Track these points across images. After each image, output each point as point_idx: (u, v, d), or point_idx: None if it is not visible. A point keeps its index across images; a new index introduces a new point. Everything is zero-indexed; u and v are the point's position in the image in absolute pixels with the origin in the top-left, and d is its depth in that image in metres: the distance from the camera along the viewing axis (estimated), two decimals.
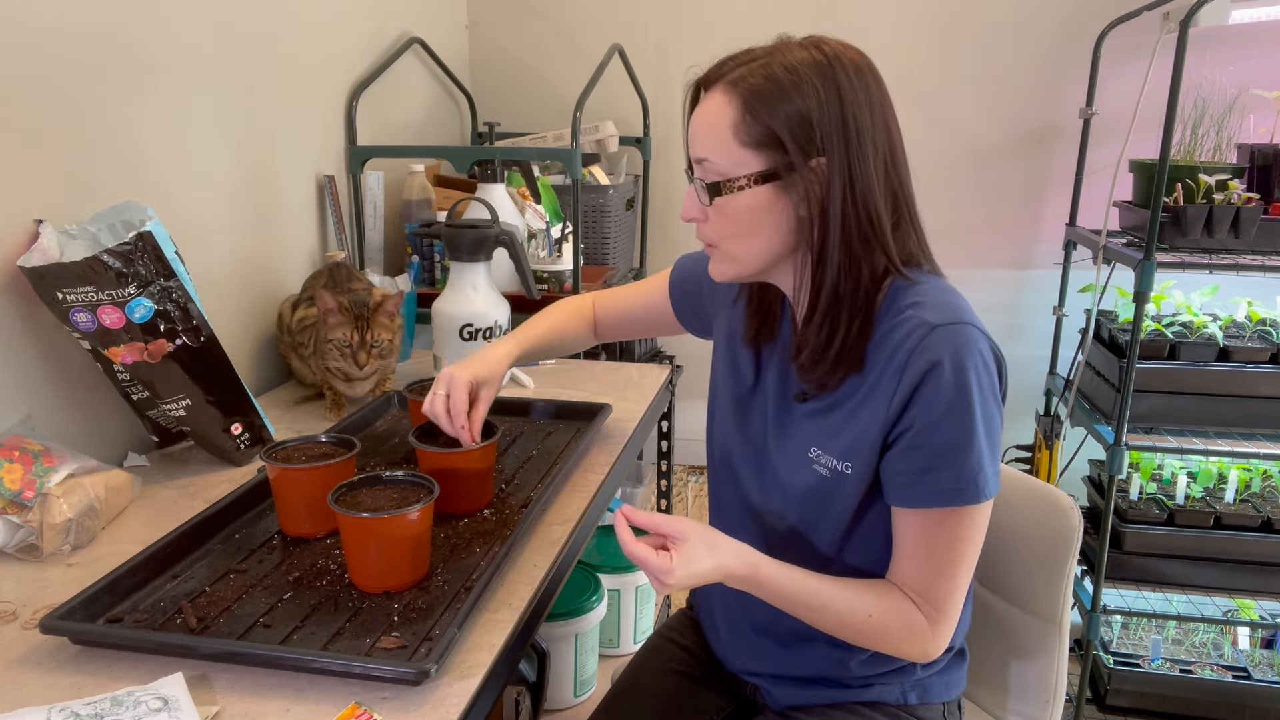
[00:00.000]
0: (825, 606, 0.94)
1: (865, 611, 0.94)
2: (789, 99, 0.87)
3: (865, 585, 0.96)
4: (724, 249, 0.96)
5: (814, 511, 0.99)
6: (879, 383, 0.91)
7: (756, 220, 0.92)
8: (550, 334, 1.29)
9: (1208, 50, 2.10)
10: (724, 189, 0.91)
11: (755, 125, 0.88)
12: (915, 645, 0.95)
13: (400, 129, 2.21)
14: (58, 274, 1.12)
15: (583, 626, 1.62)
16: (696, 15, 2.46)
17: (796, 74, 0.87)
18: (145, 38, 1.36)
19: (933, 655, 0.96)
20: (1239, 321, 2.07)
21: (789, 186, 0.90)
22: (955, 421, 0.88)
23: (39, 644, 0.89)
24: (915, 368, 0.88)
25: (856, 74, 0.89)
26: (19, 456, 1.09)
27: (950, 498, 0.90)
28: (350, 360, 1.46)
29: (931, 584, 0.93)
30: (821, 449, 0.97)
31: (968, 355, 0.88)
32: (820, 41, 0.91)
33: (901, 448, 0.91)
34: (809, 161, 0.88)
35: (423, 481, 1.03)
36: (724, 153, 0.90)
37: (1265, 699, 2.09)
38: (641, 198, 2.53)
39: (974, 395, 0.88)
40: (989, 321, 0.96)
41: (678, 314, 1.25)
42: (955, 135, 2.39)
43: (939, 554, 0.93)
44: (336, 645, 0.88)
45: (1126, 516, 2.02)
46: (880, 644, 0.96)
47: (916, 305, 0.91)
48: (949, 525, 0.91)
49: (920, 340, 0.88)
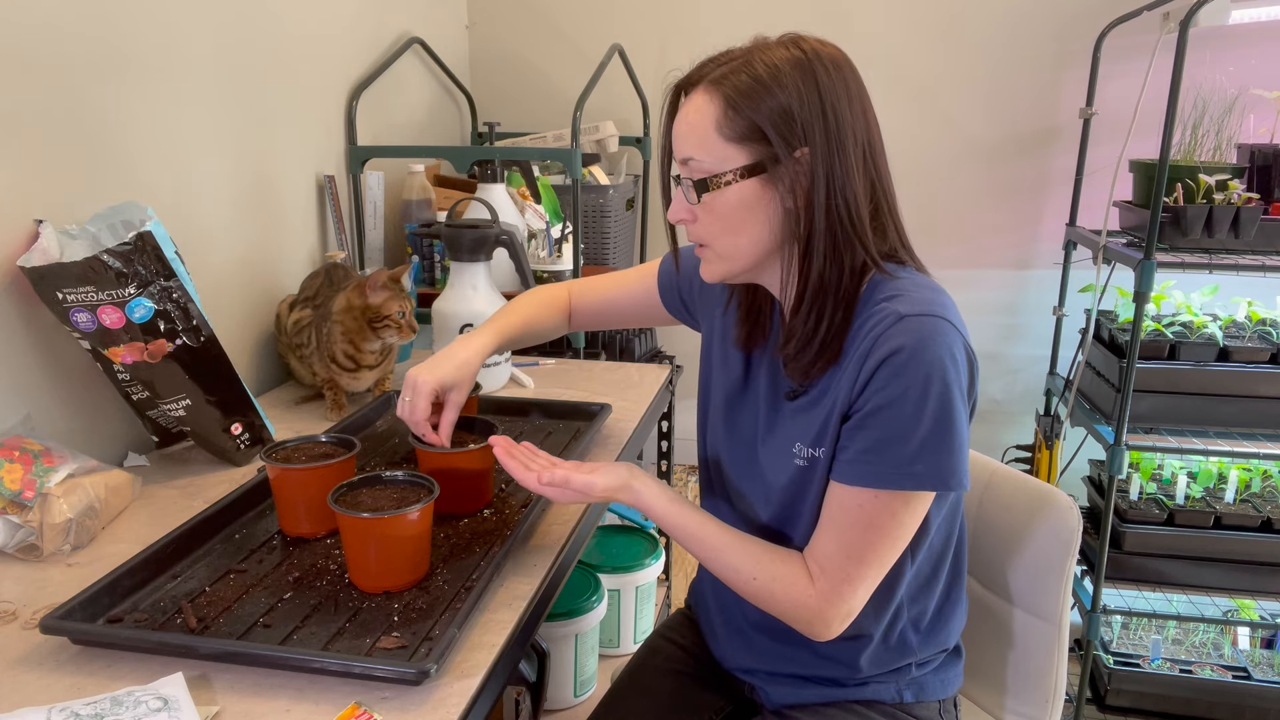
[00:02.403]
0: (715, 549, 0.97)
1: (750, 573, 0.95)
2: (770, 93, 0.89)
3: (767, 549, 0.97)
4: (715, 247, 0.97)
5: (791, 506, 1.00)
6: (847, 369, 0.92)
7: (744, 215, 0.93)
8: (524, 325, 1.26)
9: (1208, 50, 2.10)
10: (711, 185, 0.92)
11: (738, 120, 0.90)
12: (800, 621, 0.95)
13: (400, 129, 2.21)
14: (58, 274, 1.12)
15: (583, 626, 1.62)
16: (696, 15, 2.46)
17: (776, 69, 0.89)
18: (145, 38, 1.36)
19: (822, 637, 0.95)
20: (1239, 321, 2.07)
21: (775, 179, 0.91)
22: (905, 409, 0.87)
23: (39, 644, 0.89)
24: (877, 353, 0.88)
25: (834, 68, 0.91)
26: (19, 456, 1.09)
27: (879, 480, 0.89)
28: (408, 330, 1.48)
29: (836, 562, 0.93)
30: (802, 442, 0.98)
31: (932, 347, 0.87)
32: (798, 39, 0.93)
33: (850, 426, 0.92)
34: (793, 153, 0.90)
35: (423, 481, 1.03)
36: (709, 150, 0.91)
37: (1265, 699, 2.09)
38: (641, 198, 2.53)
39: (930, 387, 0.87)
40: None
41: (668, 306, 1.25)
42: (956, 135, 2.39)
43: (852, 534, 0.92)
44: (336, 645, 0.88)
45: (1126, 516, 2.02)
46: (767, 608, 0.97)
47: (892, 298, 0.91)
48: (870, 508, 0.91)
49: (887, 328, 0.89)
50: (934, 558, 1.03)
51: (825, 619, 0.94)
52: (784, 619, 0.96)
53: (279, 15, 1.68)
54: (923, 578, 1.03)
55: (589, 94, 1.90)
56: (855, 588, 0.93)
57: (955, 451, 0.89)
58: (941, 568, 1.05)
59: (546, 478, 0.99)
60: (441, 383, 1.12)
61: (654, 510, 1.00)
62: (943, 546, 1.04)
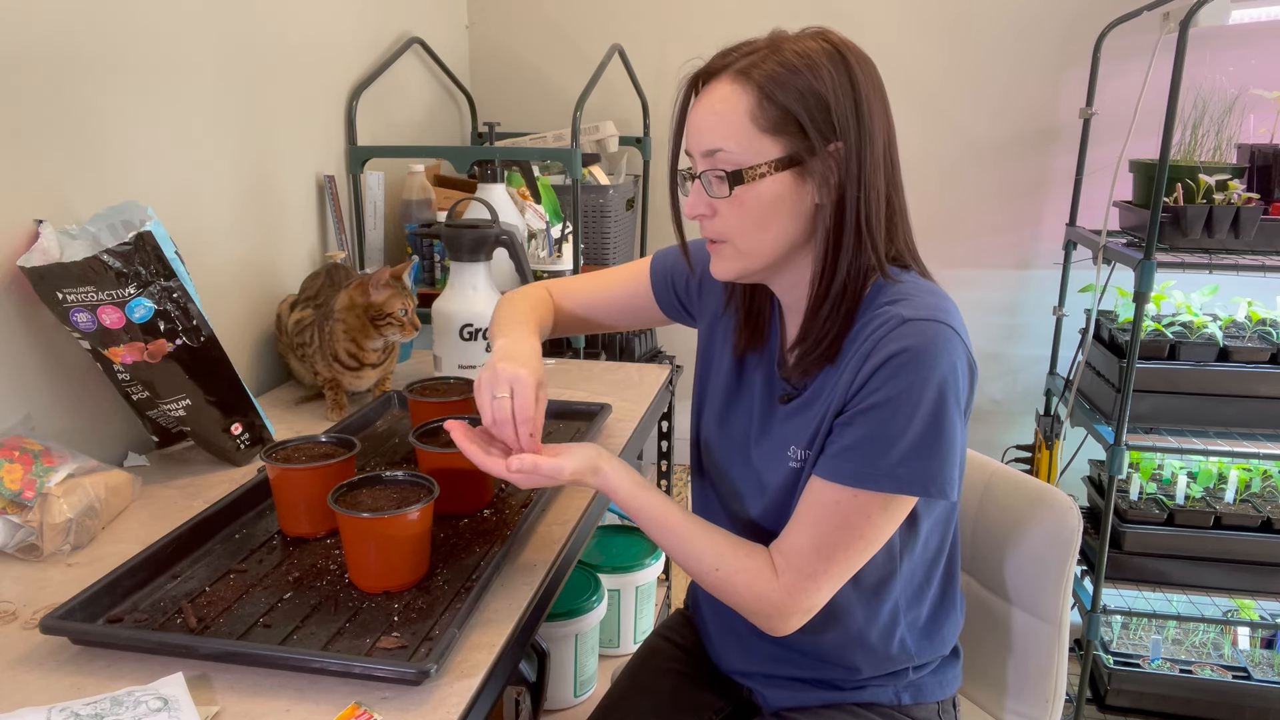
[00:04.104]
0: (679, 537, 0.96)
1: (713, 564, 0.94)
2: (805, 82, 0.86)
3: (731, 541, 0.96)
4: (735, 244, 0.94)
5: (784, 507, 0.99)
6: (845, 371, 0.91)
7: (775, 209, 0.90)
8: (541, 324, 1.18)
9: (1208, 50, 2.10)
10: (746, 177, 0.89)
11: (773, 110, 0.87)
12: (759, 615, 0.94)
13: (400, 129, 2.21)
14: (58, 274, 1.12)
15: (583, 626, 1.62)
16: (697, 15, 2.46)
17: (811, 59, 0.87)
18: (145, 38, 1.36)
19: (779, 632, 0.94)
20: (1239, 321, 2.07)
21: (809, 172, 0.89)
22: (897, 410, 0.86)
23: (39, 644, 0.89)
24: (878, 355, 0.87)
25: (863, 63, 0.90)
26: (19, 456, 1.09)
27: (859, 479, 0.88)
28: (410, 328, 1.48)
29: (804, 557, 0.91)
30: (797, 445, 0.97)
31: (933, 352, 0.85)
32: (825, 32, 0.91)
33: (840, 422, 0.90)
34: (828, 145, 0.88)
35: (423, 481, 1.03)
36: (741, 140, 0.88)
37: (1265, 699, 2.09)
38: (641, 198, 2.53)
39: (927, 391, 0.85)
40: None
41: (663, 306, 1.21)
42: (956, 135, 2.39)
43: (824, 531, 0.90)
44: (336, 645, 0.88)
45: (1126, 516, 2.02)
46: (728, 600, 0.96)
47: (896, 301, 0.90)
48: (846, 506, 0.89)
49: (889, 331, 0.87)
50: (927, 562, 1.03)
51: (785, 613, 0.92)
52: (743, 612, 0.95)
53: (279, 16, 1.68)
54: (916, 582, 1.03)
55: (589, 94, 1.90)
56: (819, 585, 0.91)
57: (943, 459, 0.87)
58: (935, 572, 1.04)
59: (515, 465, 0.93)
60: (538, 376, 1.00)
61: (618, 493, 0.97)
62: (936, 551, 1.03)
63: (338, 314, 1.48)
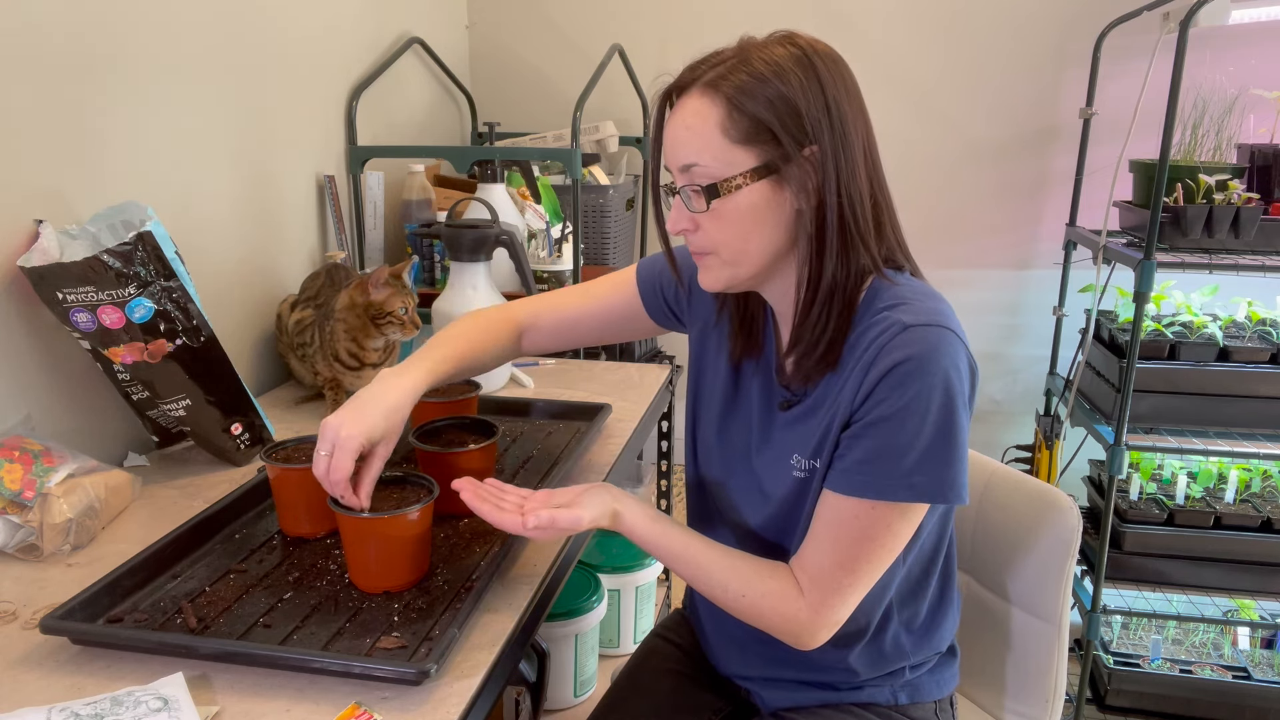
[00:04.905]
0: (702, 569, 0.96)
1: (739, 590, 0.94)
2: (774, 89, 0.86)
3: (754, 564, 0.96)
4: (720, 255, 0.93)
5: (788, 517, 0.99)
6: (848, 379, 0.91)
7: (756, 219, 0.90)
8: (461, 356, 1.12)
9: (1208, 50, 2.10)
10: (721, 190, 0.89)
11: (743, 120, 0.87)
12: (789, 634, 0.94)
13: (400, 129, 2.21)
14: (58, 274, 1.12)
15: (583, 626, 1.62)
16: (697, 15, 2.46)
17: (778, 66, 0.87)
18: (146, 38, 1.36)
19: (808, 647, 0.94)
20: (1239, 321, 2.07)
21: (786, 179, 0.89)
22: (907, 421, 0.86)
23: (39, 644, 0.89)
24: (881, 364, 0.87)
25: (832, 63, 0.89)
26: (19, 456, 1.09)
27: (877, 491, 0.88)
28: (410, 326, 1.48)
29: (827, 573, 0.91)
30: (800, 454, 0.97)
31: (937, 358, 0.85)
32: (791, 36, 0.91)
33: (849, 435, 0.90)
34: (802, 150, 0.87)
35: (423, 481, 1.03)
36: (714, 153, 0.88)
37: (1265, 699, 2.09)
38: (641, 198, 2.53)
39: (935, 398, 0.85)
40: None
41: (653, 314, 1.19)
42: (956, 135, 2.39)
43: (845, 545, 0.91)
44: (336, 645, 0.88)
45: (1126, 516, 2.02)
46: (756, 623, 0.96)
47: (894, 306, 0.90)
48: (865, 519, 0.89)
49: (892, 338, 0.87)
50: (924, 561, 1.03)
51: (813, 630, 0.93)
52: (772, 632, 0.95)
53: (279, 15, 1.68)
54: (913, 581, 1.03)
55: (589, 94, 1.90)
56: (845, 598, 0.92)
57: (955, 464, 0.88)
58: (932, 571, 1.04)
59: (532, 522, 0.92)
60: (369, 436, 0.95)
61: (636, 533, 0.97)
62: (933, 550, 1.03)
63: (338, 314, 1.48)
